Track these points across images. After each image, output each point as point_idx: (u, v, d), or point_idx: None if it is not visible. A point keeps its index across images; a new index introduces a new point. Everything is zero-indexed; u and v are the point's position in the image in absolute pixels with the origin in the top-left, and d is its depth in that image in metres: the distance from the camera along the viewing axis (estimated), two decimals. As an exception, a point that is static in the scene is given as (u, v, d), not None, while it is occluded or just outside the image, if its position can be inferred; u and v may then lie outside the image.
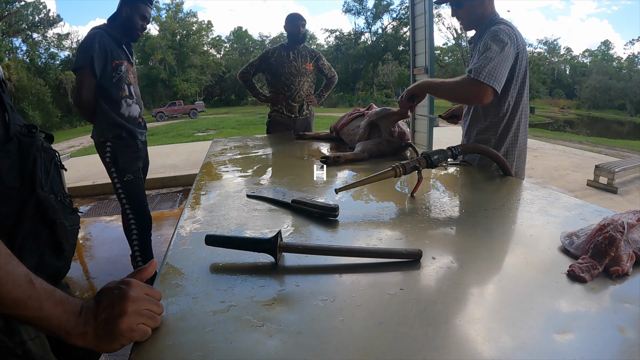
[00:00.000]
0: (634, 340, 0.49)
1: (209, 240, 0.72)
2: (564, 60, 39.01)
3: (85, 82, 1.85)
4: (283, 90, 2.77)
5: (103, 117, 1.92)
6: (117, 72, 1.92)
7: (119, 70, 1.92)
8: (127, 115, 1.99)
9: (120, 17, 1.94)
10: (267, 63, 2.78)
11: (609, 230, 0.68)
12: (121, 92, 1.95)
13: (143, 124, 2.13)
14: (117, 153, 1.96)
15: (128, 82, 1.99)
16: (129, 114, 2.00)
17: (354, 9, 36.27)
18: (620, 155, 7.34)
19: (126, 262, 2.25)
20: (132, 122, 2.02)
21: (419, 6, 4.43)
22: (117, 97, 1.94)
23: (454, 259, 0.71)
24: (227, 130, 13.74)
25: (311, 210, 0.94)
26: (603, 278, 0.63)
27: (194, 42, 32.64)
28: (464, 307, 0.57)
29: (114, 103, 1.93)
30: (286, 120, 2.84)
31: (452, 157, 1.16)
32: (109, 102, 1.92)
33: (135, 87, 2.06)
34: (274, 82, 2.80)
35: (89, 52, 1.81)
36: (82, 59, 1.83)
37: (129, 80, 2.00)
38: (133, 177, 2.02)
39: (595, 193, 4.15)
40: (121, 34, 1.96)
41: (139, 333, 0.49)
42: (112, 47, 1.89)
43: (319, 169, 1.47)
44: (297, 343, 0.49)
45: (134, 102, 2.03)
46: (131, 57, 2.05)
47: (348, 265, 0.69)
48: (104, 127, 1.94)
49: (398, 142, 1.63)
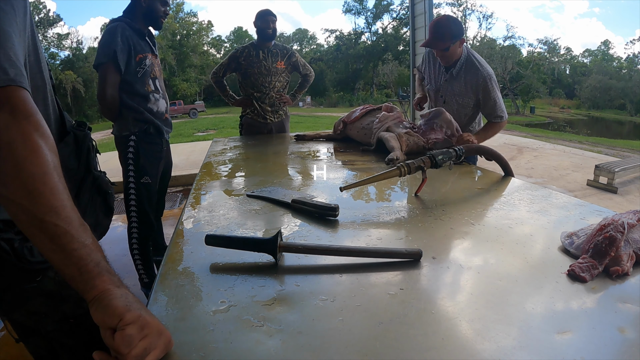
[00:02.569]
0: (634, 340, 0.49)
1: (209, 240, 0.72)
2: (564, 60, 38.98)
3: (109, 78, 1.72)
4: (252, 91, 2.63)
5: (129, 111, 1.80)
6: (142, 66, 1.81)
7: (143, 64, 1.81)
8: (156, 110, 1.89)
9: (140, 7, 1.82)
10: (237, 63, 2.63)
11: (609, 230, 0.68)
12: (147, 87, 1.84)
13: (169, 121, 2.03)
14: (139, 149, 1.83)
15: (153, 75, 1.89)
16: (157, 109, 1.90)
17: (354, 9, 36.33)
18: (620, 155, 7.34)
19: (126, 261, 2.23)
20: (160, 117, 1.92)
21: (419, 6, 4.43)
22: (143, 92, 1.83)
23: (454, 259, 0.71)
24: (227, 130, 13.73)
25: (311, 210, 0.94)
26: (603, 278, 0.63)
27: (194, 42, 32.65)
28: (463, 307, 0.57)
29: (141, 97, 1.82)
30: (259, 124, 2.69)
31: (456, 158, 1.16)
32: (135, 97, 1.81)
33: (161, 80, 1.97)
34: (244, 82, 2.66)
35: (111, 47, 1.69)
36: (104, 53, 1.71)
37: (155, 74, 1.90)
38: (150, 180, 1.89)
39: (595, 193, 4.15)
40: (143, 24, 1.85)
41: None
42: (135, 40, 1.78)
43: (319, 169, 1.47)
44: (297, 343, 0.50)
45: (160, 96, 1.92)
46: (154, 48, 1.93)
47: (348, 265, 0.69)
48: (130, 121, 1.81)
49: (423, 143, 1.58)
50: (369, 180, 1.03)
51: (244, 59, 2.61)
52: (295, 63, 2.72)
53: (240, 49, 2.67)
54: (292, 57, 2.71)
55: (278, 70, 2.64)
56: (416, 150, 1.59)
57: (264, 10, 2.61)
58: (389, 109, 1.78)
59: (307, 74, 2.81)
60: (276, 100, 2.67)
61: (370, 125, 1.78)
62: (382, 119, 1.72)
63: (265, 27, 2.57)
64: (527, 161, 5.77)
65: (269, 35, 2.58)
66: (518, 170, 5.09)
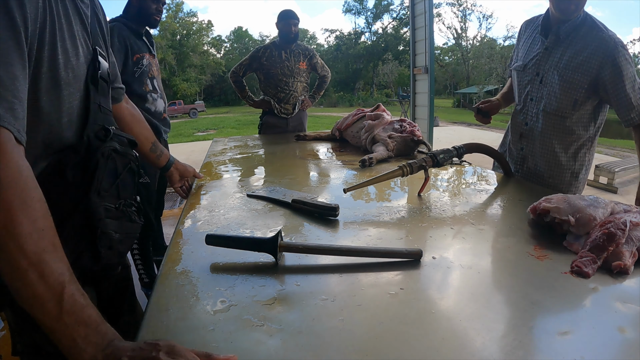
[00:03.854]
0: (634, 340, 0.49)
1: (209, 240, 0.72)
2: (564, 60, 38.91)
3: None
4: (275, 92, 2.61)
5: None
6: (139, 66, 1.81)
7: (140, 64, 1.82)
8: (154, 110, 1.89)
9: (133, 7, 1.83)
10: (259, 62, 2.60)
11: (609, 227, 0.69)
12: (144, 87, 1.84)
13: (167, 120, 2.02)
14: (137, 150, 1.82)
15: (151, 75, 1.88)
16: (155, 108, 1.89)
17: (354, 9, 36.34)
18: (620, 155, 7.34)
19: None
20: (158, 117, 1.91)
21: (419, 6, 4.43)
22: (141, 92, 1.83)
23: (454, 259, 0.71)
24: (227, 129, 13.74)
25: (311, 210, 0.94)
26: (603, 278, 0.63)
27: (194, 42, 32.63)
28: (464, 306, 0.57)
29: (139, 97, 1.81)
30: (279, 122, 2.67)
31: (457, 157, 1.16)
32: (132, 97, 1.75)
33: (159, 80, 1.96)
34: (267, 83, 2.62)
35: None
36: None
37: (152, 74, 1.89)
38: (149, 180, 1.85)
39: (595, 193, 4.14)
40: (139, 24, 1.85)
41: None
42: (131, 40, 1.78)
43: (319, 169, 1.48)
44: (297, 343, 0.50)
45: (158, 96, 1.92)
46: (152, 48, 1.93)
47: (348, 265, 0.69)
48: None
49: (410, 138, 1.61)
50: (372, 181, 1.03)
51: (267, 59, 2.57)
52: (315, 64, 2.72)
53: (262, 48, 2.63)
54: (313, 58, 2.70)
55: (300, 71, 2.63)
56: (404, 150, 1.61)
57: (286, 11, 2.58)
58: (373, 118, 1.80)
59: (325, 75, 2.80)
60: (298, 102, 2.66)
61: (360, 134, 1.79)
62: (367, 128, 1.74)
63: (287, 31, 2.54)
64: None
65: (291, 38, 2.56)
66: (518, 170, 5.08)
